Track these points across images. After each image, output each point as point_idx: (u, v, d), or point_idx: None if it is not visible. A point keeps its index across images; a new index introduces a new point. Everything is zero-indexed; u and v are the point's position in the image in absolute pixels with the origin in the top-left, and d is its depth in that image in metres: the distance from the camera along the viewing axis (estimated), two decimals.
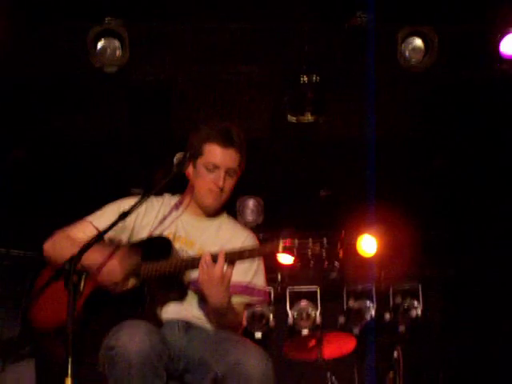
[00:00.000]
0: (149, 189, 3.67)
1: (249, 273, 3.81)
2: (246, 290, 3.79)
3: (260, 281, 3.87)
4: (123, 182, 6.93)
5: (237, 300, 3.75)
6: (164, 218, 3.87)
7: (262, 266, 3.90)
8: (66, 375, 3.02)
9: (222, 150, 3.77)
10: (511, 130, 6.53)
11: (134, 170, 7.06)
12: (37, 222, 6.95)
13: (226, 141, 3.77)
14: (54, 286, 3.39)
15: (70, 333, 3.09)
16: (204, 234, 3.87)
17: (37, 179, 7.06)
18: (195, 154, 3.81)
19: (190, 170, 3.86)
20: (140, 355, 3.24)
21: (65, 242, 3.74)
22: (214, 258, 3.48)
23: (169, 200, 3.98)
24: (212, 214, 3.92)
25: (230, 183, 3.83)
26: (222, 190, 3.79)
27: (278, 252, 3.51)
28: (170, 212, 3.90)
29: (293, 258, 3.54)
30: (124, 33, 5.38)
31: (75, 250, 3.32)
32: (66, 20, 5.43)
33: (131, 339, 3.26)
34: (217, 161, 3.77)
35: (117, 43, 5.41)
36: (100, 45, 5.40)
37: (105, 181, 6.89)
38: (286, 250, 3.49)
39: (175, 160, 3.86)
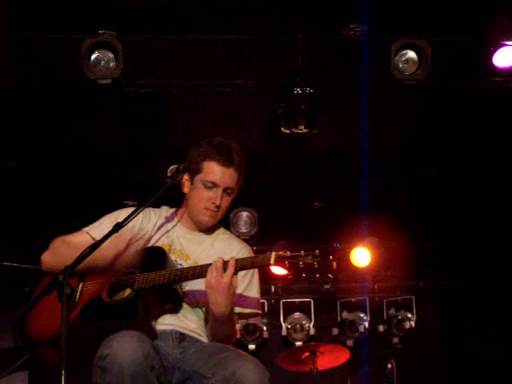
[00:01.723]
0: (144, 201, 3.67)
1: (241, 284, 3.79)
2: (238, 300, 3.77)
3: (253, 292, 3.86)
4: (117, 194, 6.92)
5: None
6: (160, 230, 3.87)
7: (256, 278, 3.89)
8: None
9: (221, 168, 3.77)
10: (505, 142, 6.55)
11: (128, 181, 7.05)
12: (30, 234, 6.94)
13: (225, 160, 3.77)
14: (49, 296, 3.38)
15: (63, 345, 3.09)
16: (199, 248, 3.87)
17: (29, 191, 7.04)
18: (194, 171, 3.81)
19: (187, 184, 3.86)
20: (132, 364, 3.23)
21: (64, 249, 3.73)
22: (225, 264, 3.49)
23: (166, 212, 3.98)
24: (206, 229, 3.93)
25: (226, 201, 3.83)
26: (218, 208, 3.80)
27: (270, 264, 3.50)
28: (167, 224, 3.90)
29: (286, 271, 3.53)
30: (118, 45, 5.38)
31: (76, 254, 3.36)
32: (60, 32, 5.44)
33: (123, 349, 3.24)
34: (216, 179, 3.76)
35: (111, 55, 5.41)
36: (94, 56, 5.40)
37: (99, 192, 6.87)
38: (279, 262, 3.49)
39: (169, 173, 3.84)
